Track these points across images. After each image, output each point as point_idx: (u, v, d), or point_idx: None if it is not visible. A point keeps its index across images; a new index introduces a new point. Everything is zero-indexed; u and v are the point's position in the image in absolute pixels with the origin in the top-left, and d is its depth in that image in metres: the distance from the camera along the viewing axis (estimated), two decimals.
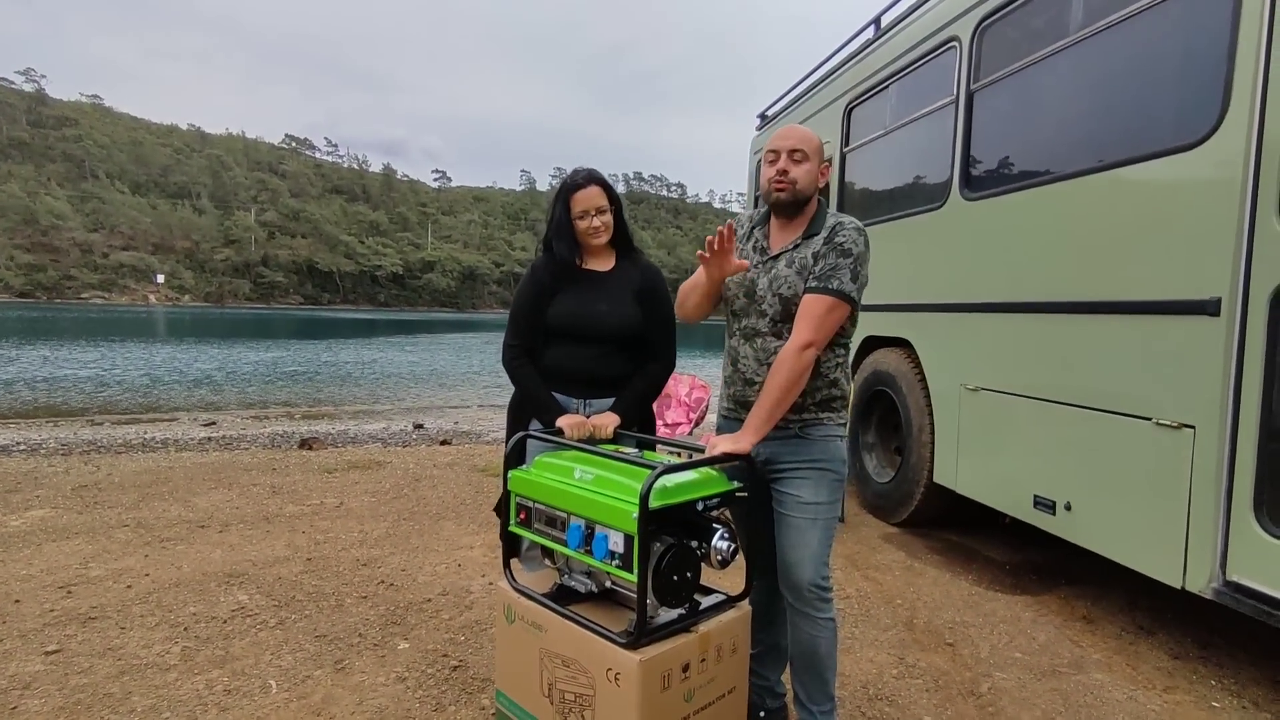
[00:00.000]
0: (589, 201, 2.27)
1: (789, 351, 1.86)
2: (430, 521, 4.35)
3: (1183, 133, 2.53)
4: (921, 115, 4.26)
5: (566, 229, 2.29)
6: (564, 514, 1.90)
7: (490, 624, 2.91)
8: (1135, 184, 2.71)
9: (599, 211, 2.27)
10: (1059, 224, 3.07)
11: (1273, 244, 2.24)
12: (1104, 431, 2.81)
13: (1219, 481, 2.37)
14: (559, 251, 2.29)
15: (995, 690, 2.49)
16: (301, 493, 4.97)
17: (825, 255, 1.89)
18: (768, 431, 1.89)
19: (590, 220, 2.27)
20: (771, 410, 1.87)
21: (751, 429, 1.88)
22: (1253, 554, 2.29)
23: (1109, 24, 2.87)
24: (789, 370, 1.85)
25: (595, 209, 2.27)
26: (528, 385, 2.29)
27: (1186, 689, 2.53)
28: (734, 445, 1.86)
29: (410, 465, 5.98)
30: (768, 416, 1.87)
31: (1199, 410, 2.43)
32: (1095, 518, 2.88)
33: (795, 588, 1.97)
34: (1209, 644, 2.86)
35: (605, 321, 2.28)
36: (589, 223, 2.27)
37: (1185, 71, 2.58)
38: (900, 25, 4.53)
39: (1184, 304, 2.48)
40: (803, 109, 6.24)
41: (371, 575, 3.42)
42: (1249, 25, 2.32)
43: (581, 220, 2.28)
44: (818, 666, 2.00)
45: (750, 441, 1.87)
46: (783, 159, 1.94)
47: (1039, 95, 3.32)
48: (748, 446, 1.87)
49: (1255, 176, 2.29)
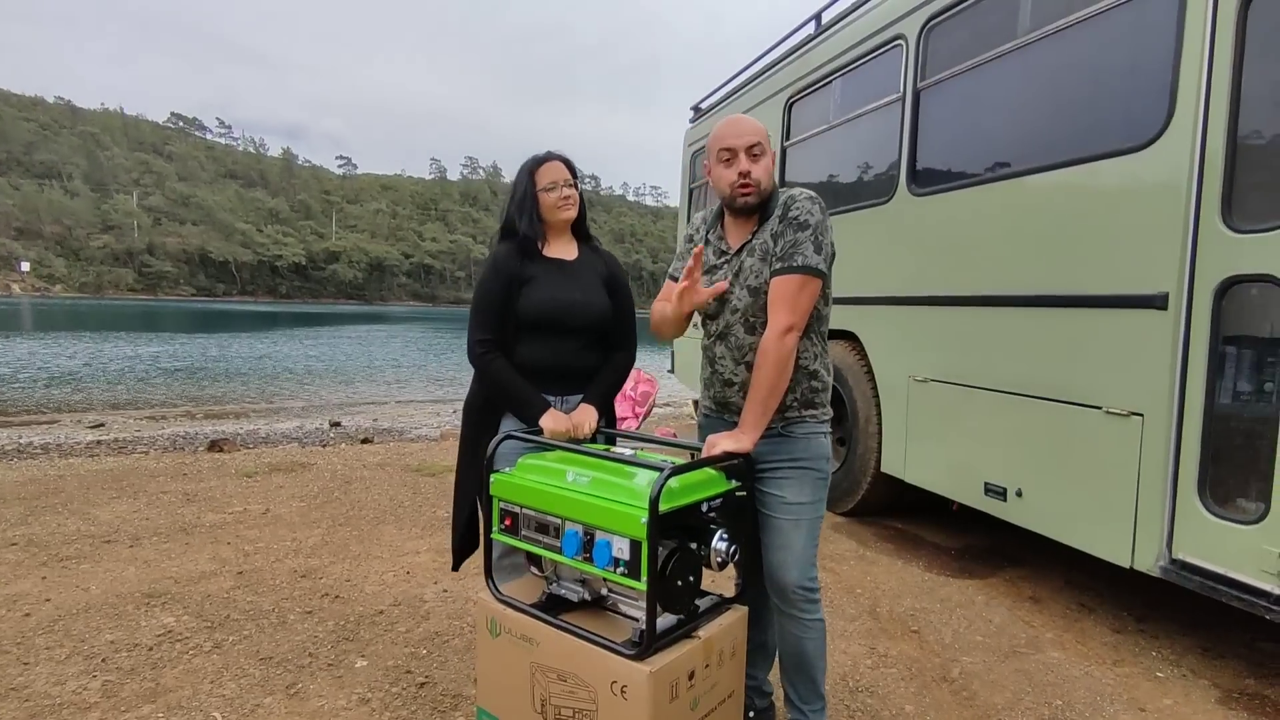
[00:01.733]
0: (557, 173, 2.18)
1: (769, 340, 1.79)
2: (369, 526, 4.10)
3: (1131, 135, 2.66)
4: (867, 111, 4.34)
5: (532, 202, 2.18)
6: (557, 519, 1.79)
7: (452, 635, 2.75)
8: (1085, 183, 2.83)
9: (567, 183, 2.18)
10: (1011, 219, 3.18)
11: (1216, 242, 2.38)
12: (1054, 420, 2.94)
13: (1166, 466, 2.51)
14: (523, 227, 2.17)
15: (965, 674, 2.56)
16: (220, 499, 4.58)
17: (783, 234, 1.83)
18: (765, 426, 1.84)
19: (560, 190, 2.17)
20: (765, 404, 1.81)
21: (750, 425, 1.82)
22: (1197, 533, 2.44)
23: (1058, 29, 2.98)
24: (774, 359, 1.79)
25: (564, 180, 2.18)
26: (505, 380, 2.14)
27: (1133, 662, 2.68)
28: (736, 444, 1.80)
29: (338, 466, 5.64)
30: (763, 411, 1.82)
31: (1147, 398, 2.57)
32: (1046, 503, 3.00)
33: (781, 590, 1.93)
34: (1145, 618, 3.05)
35: (584, 311, 2.18)
36: (559, 193, 2.17)
37: (1133, 77, 2.71)
38: (844, 22, 4.60)
39: (1133, 298, 2.61)
40: (739, 102, 6.26)
41: (313, 587, 3.18)
42: (1193, 35, 2.45)
43: (550, 192, 2.17)
44: (807, 668, 1.98)
45: (751, 440, 1.82)
46: (742, 159, 1.84)
47: (988, 95, 3.42)
48: (749, 445, 1.82)
49: (1199, 178, 2.42)
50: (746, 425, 1.82)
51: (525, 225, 2.17)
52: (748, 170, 1.85)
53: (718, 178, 1.93)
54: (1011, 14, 3.25)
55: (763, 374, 1.79)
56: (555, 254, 2.24)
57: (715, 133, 1.93)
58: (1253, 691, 2.49)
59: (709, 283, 1.98)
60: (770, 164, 1.90)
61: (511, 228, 2.21)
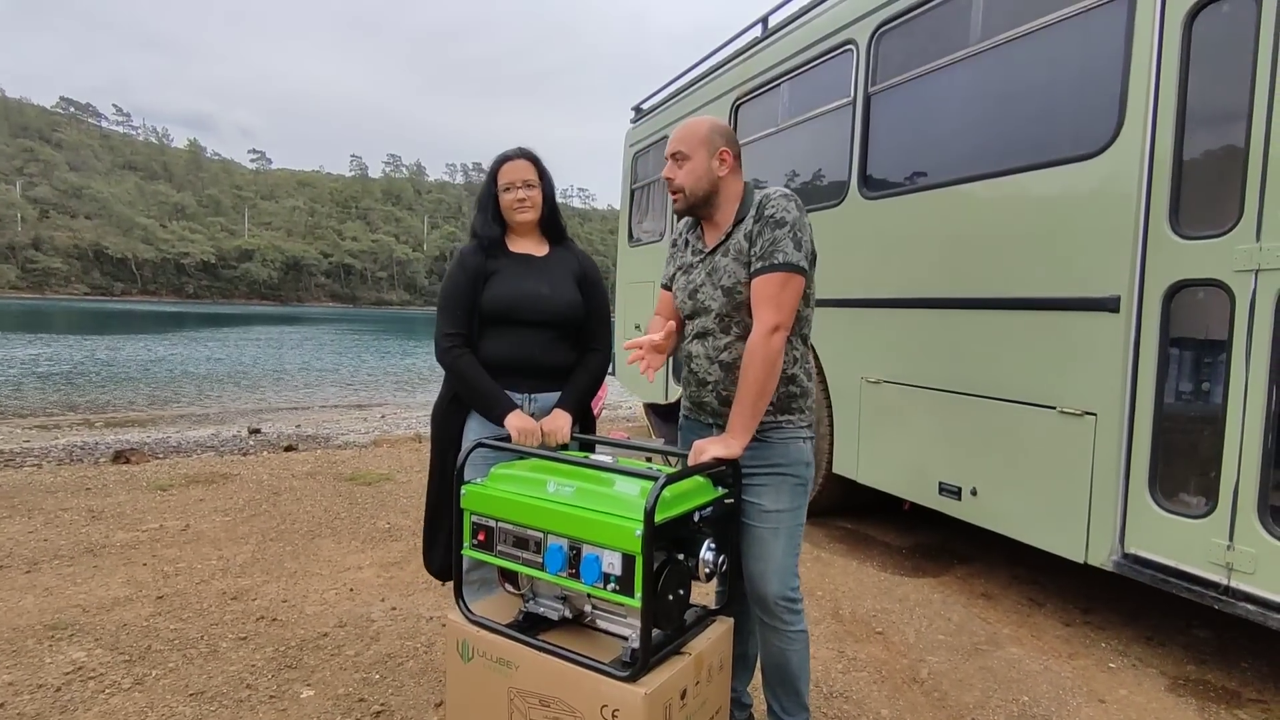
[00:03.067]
0: (516, 173, 2.11)
1: (757, 339, 1.74)
2: (304, 541, 3.83)
3: (1082, 143, 2.74)
4: (817, 115, 4.37)
5: (490, 202, 2.12)
6: (539, 533, 1.67)
7: (406, 656, 2.57)
8: (1038, 188, 2.91)
9: (526, 184, 2.11)
10: (965, 223, 3.24)
11: (1165, 247, 2.48)
12: (1009, 420, 3.01)
13: (1118, 463, 2.59)
14: (478, 226, 2.11)
15: (934, 675, 2.57)
16: (132, 516, 4.19)
17: (760, 233, 1.78)
18: (754, 428, 1.77)
19: (516, 192, 2.10)
20: (753, 406, 1.75)
21: (738, 430, 1.76)
22: (1148, 528, 2.53)
23: (1009, 38, 3.06)
24: (761, 358, 1.73)
25: (522, 181, 2.11)
26: (470, 376, 2.03)
27: (1085, 654, 2.76)
28: (725, 450, 1.73)
29: (263, 477, 5.28)
30: (751, 414, 1.76)
31: (1100, 398, 2.65)
32: (1000, 501, 3.07)
33: (761, 601, 1.87)
34: (1090, 610, 3.16)
35: (549, 303, 2.09)
36: (514, 195, 2.11)
37: (1084, 86, 2.80)
38: (792, 26, 4.62)
39: (1086, 301, 2.69)
40: (684, 103, 6.24)
41: (246, 610, 2.92)
42: (1141, 46, 2.54)
43: (507, 192, 2.11)
44: (790, 679, 1.93)
45: (741, 445, 1.75)
46: (668, 166, 1.89)
47: (940, 101, 3.49)
48: (739, 450, 1.75)
49: (1148, 185, 2.52)
50: (735, 429, 1.75)
51: (480, 224, 2.12)
52: (670, 178, 1.89)
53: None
54: (963, 23, 3.32)
55: (750, 375, 1.73)
56: (525, 249, 2.15)
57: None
58: (1196, 678, 2.60)
59: (685, 281, 1.96)
60: (700, 164, 1.86)
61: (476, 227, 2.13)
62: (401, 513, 4.40)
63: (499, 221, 2.11)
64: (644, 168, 7.24)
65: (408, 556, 3.62)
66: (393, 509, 4.48)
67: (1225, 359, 2.32)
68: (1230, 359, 2.30)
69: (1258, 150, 2.24)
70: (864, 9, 3.89)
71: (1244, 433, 2.26)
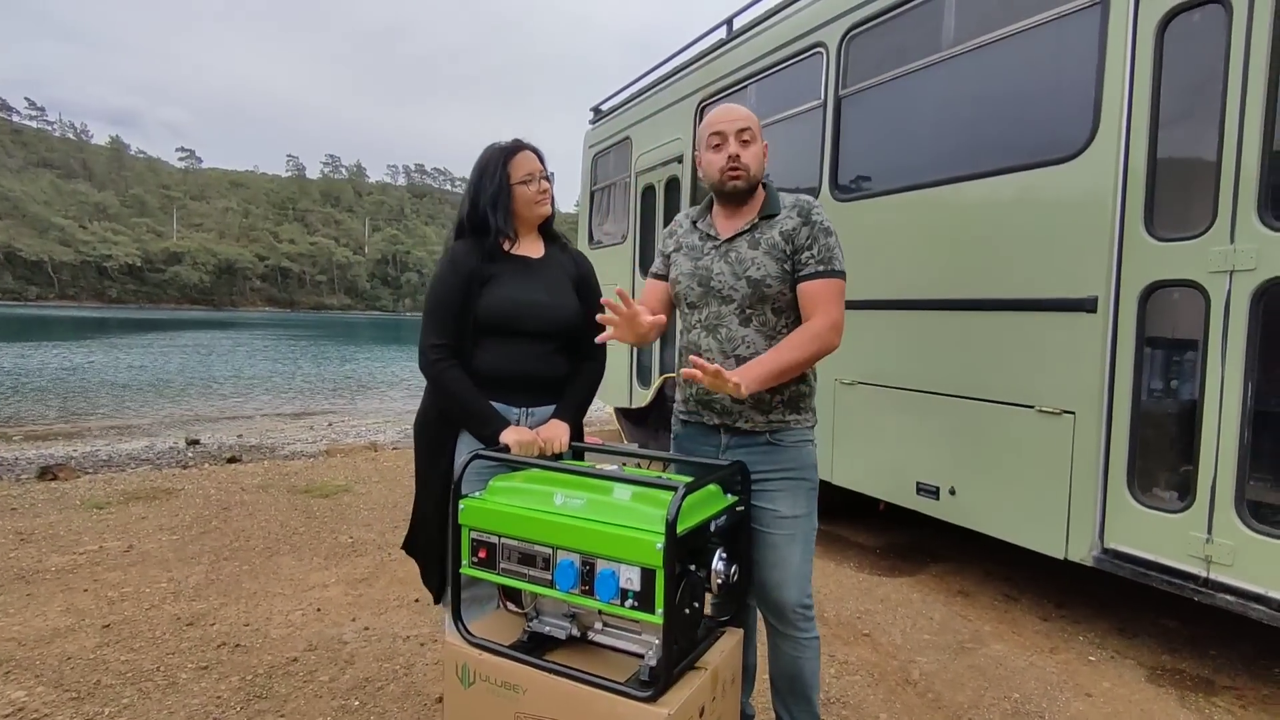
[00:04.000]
0: (532, 164, 1.99)
1: (821, 323, 1.73)
2: (261, 559, 3.61)
3: (1058, 147, 2.80)
4: (785, 117, 4.37)
5: (507, 197, 1.97)
6: (547, 549, 1.58)
7: (386, 680, 2.43)
8: (1015, 191, 2.95)
9: (543, 176, 1.99)
10: (940, 226, 3.28)
11: (1140, 249, 2.54)
12: (987, 420, 3.04)
13: (1097, 460, 2.65)
14: (497, 222, 1.95)
15: (925, 675, 2.57)
16: (67, 538, 3.89)
17: (815, 239, 1.79)
18: (766, 387, 1.68)
19: (538, 183, 1.98)
20: (780, 371, 1.68)
21: (753, 380, 1.63)
22: (1127, 523, 2.59)
23: (982, 44, 3.10)
24: (817, 337, 1.73)
25: (539, 172, 1.99)
26: (458, 392, 1.89)
27: (1066, 649, 2.81)
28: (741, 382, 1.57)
29: (210, 491, 4.98)
30: (774, 374, 1.67)
31: (1079, 397, 2.70)
32: (979, 500, 3.11)
33: (778, 609, 1.83)
34: (1064, 604, 3.23)
35: (548, 313, 1.98)
36: (536, 187, 1.99)
37: (1059, 91, 2.86)
38: (759, 28, 4.62)
39: (1064, 301, 2.74)
40: (646, 104, 6.20)
41: (205, 636, 2.72)
42: (1114, 54, 2.61)
43: (527, 185, 1.98)
44: (803, 688, 1.89)
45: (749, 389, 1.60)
46: (731, 142, 1.81)
47: (914, 104, 3.53)
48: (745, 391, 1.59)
49: (1124, 189, 2.58)
50: (750, 378, 1.62)
51: (500, 221, 1.95)
52: (737, 154, 1.81)
53: (707, 163, 1.88)
54: (935, 27, 3.36)
55: (799, 342, 1.71)
56: (521, 251, 2.03)
57: (706, 120, 1.88)
58: (1171, 667, 2.67)
59: (691, 268, 1.89)
60: (760, 153, 1.86)
61: (478, 223, 1.97)
62: (364, 526, 4.21)
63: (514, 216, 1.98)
64: (604, 169, 7.16)
65: (375, 572, 3.45)
66: (354, 522, 4.28)
67: (1201, 357, 2.39)
68: (1206, 357, 2.36)
69: (1230, 154, 2.31)
70: (834, 12, 3.91)
71: (1221, 429, 2.33)
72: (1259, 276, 2.24)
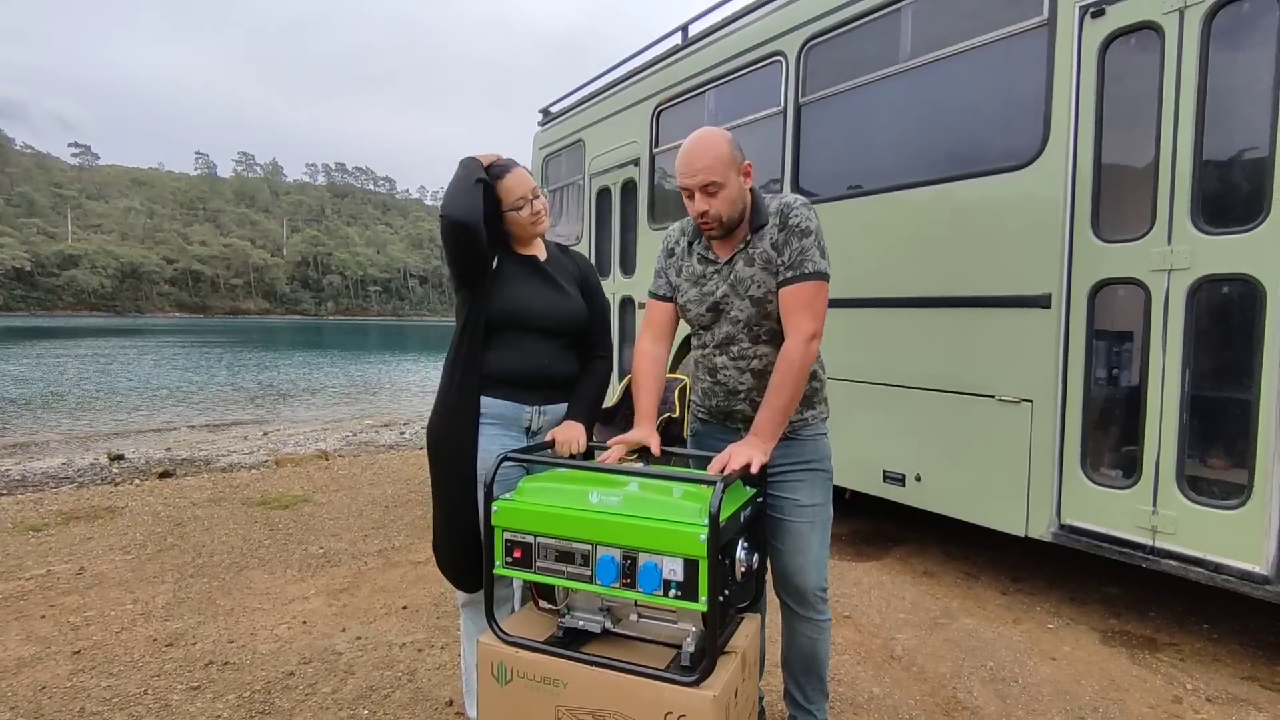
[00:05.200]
0: (523, 185, 1.99)
1: (794, 348, 1.78)
2: (230, 574, 3.49)
3: (1012, 155, 3.02)
4: (745, 123, 4.52)
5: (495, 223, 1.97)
6: (586, 545, 1.63)
7: (391, 687, 2.42)
8: (973, 196, 3.17)
9: (535, 194, 2.01)
10: (902, 228, 3.47)
11: (1088, 250, 2.78)
12: (950, 410, 3.26)
13: (1054, 444, 2.88)
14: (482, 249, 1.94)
15: (907, 651, 2.74)
16: (6, 562, 3.64)
17: (787, 242, 1.82)
18: (781, 433, 1.82)
19: (531, 205, 1.99)
20: (785, 411, 1.79)
21: (768, 434, 1.77)
22: (1082, 500, 2.83)
23: (939, 57, 3.31)
24: (800, 366, 1.78)
25: (533, 191, 2.00)
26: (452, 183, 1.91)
27: (1027, 619, 3.04)
28: (761, 455, 1.71)
29: (157, 507, 4.75)
30: (781, 419, 1.78)
31: (1036, 386, 2.93)
32: (943, 485, 3.32)
33: (799, 593, 1.93)
34: (1019, 579, 3.48)
35: (558, 310, 2.02)
36: (530, 209, 1.99)
37: (1014, 103, 3.08)
38: (717, 35, 4.75)
39: (1020, 298, 2.97)
40: (599, 107, 6.25)
41: (188, 656, 2.63)
42: (1061, 70, 2.84)
43: (520, 210, 1.98)
44: (818, 667, 2.00)
45: (770, 448, 1.77)
46: (698, 198, 1.79)
47: (874, 113, 3.72)
48: (767, 454, 1.76)
49: (1072, 194, 2.82)
50: (765, 434, 1.77)
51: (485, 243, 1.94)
52: (704, 209, 1.80)
53: (688, 207, 1.86)
54: (892, 42, 3.56)
55: (788, 381, 1.77)
56: (526, 252, 2.07)
57: (676, 162, 1.84)
58: (1118, 629, 2.93)
59: (698, 294, 1.93)
60: (732, 189, 1.80)
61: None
62: (332, 536, 4.11)
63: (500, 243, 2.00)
64: (556, 170, 7.17)
65: (355, 582, 3.39)
66: (321, 532, 4.18)
67: (1144, 347, 2.64)
68: (1149, 347, 2.62)
69: (1166, 163, 2.56)
70: (793, 23, 4.07)
71: (1163, 411, 2.58)
72: (1194, 274, 2.50)
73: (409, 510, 4.68)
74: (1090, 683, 2.50)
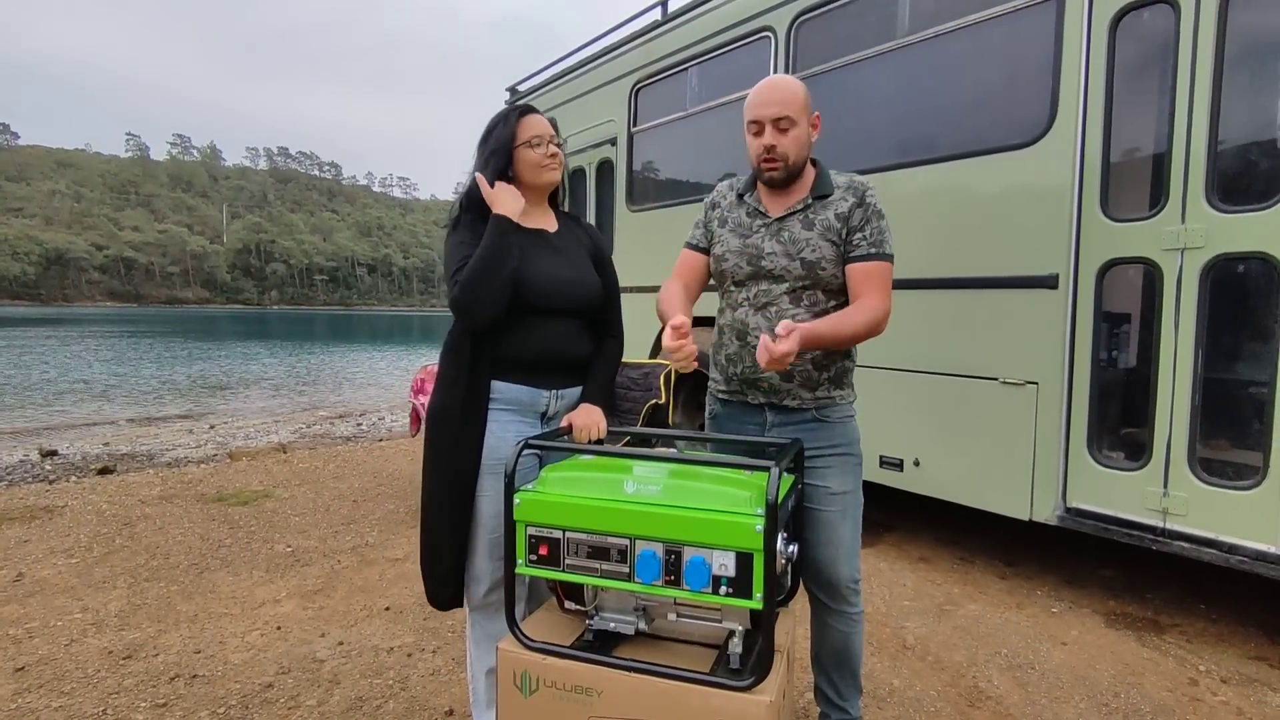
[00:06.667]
0: (542, 127, 1.84)
1: (879, 311, 1.72)
2: (190, 577, 3.22)
3: (1019, 133, 2.96)
4: (732, 100, 4.38)
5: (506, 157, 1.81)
6: (624, 540, 1.48)
7: (382, 697, 2.23)
8: (978, 174, 3.10)
9: (553, 140, 1.85)
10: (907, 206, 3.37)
11: (1097, 229, 2.74)
12: (951, 393, 3.19)
13: (1059, 426, 2.84)
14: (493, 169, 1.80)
15: (919, 640, 2.67)
16: None
17: (868, 220, 1.78)
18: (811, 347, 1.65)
19: (547, 146, 1.83)
20: (832, 336, 1.64)
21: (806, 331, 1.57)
22: (1089, 483, 2.80)
23: (938, 33, 3.23)
24: (872, 324, 1.71)
25: (550, 136, 1.85)
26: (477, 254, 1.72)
27: (1029, 604, 3.01)
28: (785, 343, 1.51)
29: (102, 506, 4.39)
30: (827, 336, 1.64)
31: (1041, 368, 2.88)
32: (943, 469, 3.26)
33: (831, 586, 1.83)
34: (1012, 562, 3.46)
35: (576, 290, 1.86)
36: (545, 149, 1.84)
37: (1022, 80, 3.01)
38: (701, 9, 4.60)
39: (1027, 279, 2.91)
40: (574, 84, 6.05)
41: (150, 670, 2.38)
42: (1071, 46, 2.78)
43: (536, 148, 1.82)
44: (851, 662, 1.91)
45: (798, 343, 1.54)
46: (768, 131, 1.74)
47: (867, 91, 3.62)
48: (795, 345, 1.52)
49: (1081, 172, 2.77)
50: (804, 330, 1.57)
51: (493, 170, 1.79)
52: (772, 144, 1.74)
53: (749, 146, 1.80)
54: (889, 15, 3.46)
55: (859, 317, 1.68)
56: (537, 224, 1.89)
57: (748, 100, 1.79)
58: (1120, 612, 2.92)
59: (740, 245, 1.83)
60: (803, 133, 1.77)
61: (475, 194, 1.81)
62: (299, 533, 3.85)
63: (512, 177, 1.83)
64: None
65: (330, 582, 3.16)
66: (287, 529, 3.91)
67: (1155, 328, 2.60)
68: (1160, 328, 2.58)
69: (1180, 141, 2.52)
70: None
71: (1175, 392, 2.55)
72: (1208, 253, 2.47)
73: (380, 504, 4.44)
74: (1105, 668, 2.47)
